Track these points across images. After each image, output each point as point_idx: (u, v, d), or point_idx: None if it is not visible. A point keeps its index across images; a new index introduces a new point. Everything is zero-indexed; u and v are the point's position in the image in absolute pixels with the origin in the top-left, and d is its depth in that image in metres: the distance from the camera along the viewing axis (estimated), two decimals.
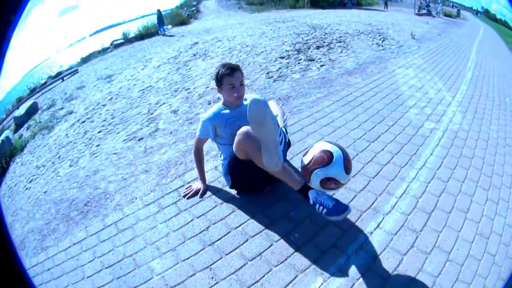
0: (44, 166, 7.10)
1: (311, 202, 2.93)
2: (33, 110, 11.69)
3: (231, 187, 3.70)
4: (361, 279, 2.72)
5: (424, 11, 31.32)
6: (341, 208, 2.82)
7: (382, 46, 11.89)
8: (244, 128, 3.08)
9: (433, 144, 4.90)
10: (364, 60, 9.73)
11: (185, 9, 28.74)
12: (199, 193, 3.76)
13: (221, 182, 3.92)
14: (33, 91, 14.09)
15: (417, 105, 6.31)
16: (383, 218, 3.38)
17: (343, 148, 2.92)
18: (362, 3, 35.58)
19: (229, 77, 3.41)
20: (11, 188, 7.21)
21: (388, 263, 2.88)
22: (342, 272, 2.78)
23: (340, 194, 3.53)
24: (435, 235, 3.22)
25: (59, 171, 6.13)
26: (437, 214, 3.50)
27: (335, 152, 2.85)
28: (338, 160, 2.81)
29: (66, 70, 15.87)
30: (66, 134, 8.49)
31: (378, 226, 3.27)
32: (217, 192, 3.80)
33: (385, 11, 31.04)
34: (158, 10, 20.78)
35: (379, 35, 13.65)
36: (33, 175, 6.92)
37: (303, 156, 2.99)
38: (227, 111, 3.55)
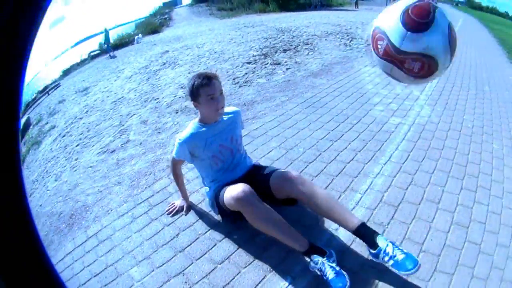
0: (37, 181, 7.21)
1: (310, 268, 2.75)
2: (26, 126, 11.82)
3: (218, 214, 3.43)
4: None
5: None
6: (339, 286, 2.57)
7: (350, 46, 12.05)
8: (237, 190, 2.85)
9: (398, 139, 4.96)
10: (330, 61, 9.86)
11: (157, 17, 28.86)
12: (184, 210, 3.69)
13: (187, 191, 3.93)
14: (27, 107, 14.14)
15: (383, 102, 6.39)
16: None
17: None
18: (332, 4, 35.85)
19: (206, 87, 3.01)
20: None
21: (356, 257, 2.92)
22: (308, 270, 2.80)
23: None
24: (404, 227, 3.26)
25: (48, 185, 6.25)
26: (405, 206, 3.55)
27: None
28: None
29: (51, 84, 15.90)
30: (51, 149, 8.65)
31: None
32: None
33: (355, 10, 31.36)
34: (105, 29, 20.40)
35: (347, 35, 13.80)
36: (31, 189, 6.98)
37: None
38: (205, 129, 3.22)
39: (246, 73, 9.29)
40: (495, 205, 3.75)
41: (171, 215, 3.65)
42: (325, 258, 2.70)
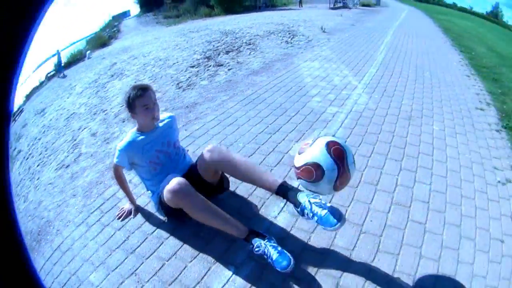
0: None
1: (254, 251, 2.89)
2: None
3: (166, 216, 3.57)
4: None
5: (340, 4, 32.03)
6: (285, 263, 2.72)
7: (291, 43, 12.23)
8: (172, 184, 2.97)
9: (335, 127, 5.13)
10: (271, 59, 10.04)
11: (107, 30, 28.49)
12: (132, 213, 3.78)
13: (135, 194, 4.03)
14: None
15: (320, 93, 6.59)
16: (286, 202, 3.46)
17: (342, 162, 2.52)
18: (276, 4, 36.02)
19: (141, 98, 3.21)
20: None
21: (297, 242, 3.08)
22: (251, 257, 2.98)
23: (243, 186, 3.74)
24: (342, 210, 3.30)
25: (20, 207, 6.20)
26: (343, 190, 3.64)
27: (327, 171, 2.49)
28: (327, 179, 2.49)
29: (17, 111, 15.67)
30: (18, 173, 8.53)
31: (281, 210, 3.48)
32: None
33: (299, 9, 31.55)
34: (57, 51, 20.11)
35: (289, 33, 13.96)
36: None
37: (300, 147, 2.69)
38: (142, 137, 3.40)
39: (189, 77, 9.40)
40: (439, 184, 3.89)
41: (121, 219, 3.73)
42: (266, 240, 2.88)
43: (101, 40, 25.55)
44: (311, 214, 2.72)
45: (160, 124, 3.51)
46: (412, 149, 4.60)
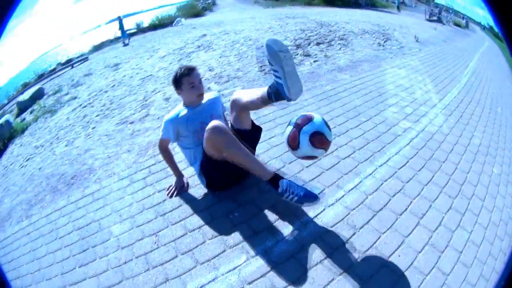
0: (42, 146, 7.45)
1: (279, 190, 3.05)
2: (38, 96, 11.93)
3: (206, 187, 3.70)
4: (282, 264, 2.85)
5: (435, 18, 31.24)
6: (312, 196, 2.99)
7: (383, 46, 11.85)
8: (212, 123, 3.16)
9: (402, 143, 4.83)
10: (359, 58, 9.74)
11: (201, 1, 28.54)
12: (185, 187, 3.85)
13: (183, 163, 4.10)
14: (41, 77, 14.26)
15: (398, 104, 6.30)
16: (324, 209, 3.42)
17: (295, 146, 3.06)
18: (376, 4, 35.44)
19: (187, 77, 3.55)
20: (6, 167, 7.49)
21: (316, 254, 2.95)
22: (266, 253, 2.94)
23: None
24: (375, 236, 3.15)
25: (55, 150, 6.52)
26: (384, 214, 3.42)
27: (313, 113, 3.15)
28: (318, 118, 3.07)
29: (77, 57, 16.02)
30: (67, 118, 8.80)
31: (315, 216, 3.33)
32: None
33: (397, 14, 30.88)
34: (119, 17, 19.99)
35: (383, 36, 13.55)
36: (31, 155, 7.28)
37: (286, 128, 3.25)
38: (187, 110, 3.65)
39: None
40: (477, 235, 3.53)
41: (175, 196, 3.76)
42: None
43: (195, 10, 25.69)
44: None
45: (204, 101, 3.77)
46: (469, 189, 4.18)
